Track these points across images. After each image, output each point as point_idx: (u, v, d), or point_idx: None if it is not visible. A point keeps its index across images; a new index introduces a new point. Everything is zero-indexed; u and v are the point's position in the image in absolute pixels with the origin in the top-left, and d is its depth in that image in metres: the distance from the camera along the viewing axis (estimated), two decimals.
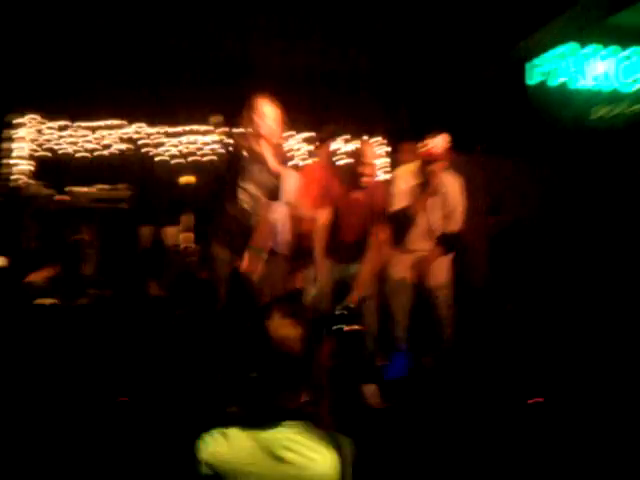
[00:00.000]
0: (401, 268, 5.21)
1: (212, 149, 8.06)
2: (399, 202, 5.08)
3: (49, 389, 4.72)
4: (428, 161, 5.03)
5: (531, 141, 7.40)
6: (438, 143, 4.99)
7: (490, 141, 6.46)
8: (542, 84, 8.19)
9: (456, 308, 5.21)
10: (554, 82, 8.21)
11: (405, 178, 5.19)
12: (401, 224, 5.08)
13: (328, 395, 2.11)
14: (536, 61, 8.30)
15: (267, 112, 4.43)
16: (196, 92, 7.52)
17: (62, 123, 8.26)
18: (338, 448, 1.84)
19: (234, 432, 1.84)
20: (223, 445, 1.82)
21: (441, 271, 5.22)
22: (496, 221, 6.16)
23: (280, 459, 1.78)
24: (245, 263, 4.47)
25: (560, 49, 8.20)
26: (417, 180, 5.13)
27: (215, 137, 6.92)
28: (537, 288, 6.12)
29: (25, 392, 4.62)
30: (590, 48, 8.28)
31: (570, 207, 7.03)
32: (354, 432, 1.99)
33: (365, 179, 4.92)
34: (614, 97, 8.23)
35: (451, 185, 5.18)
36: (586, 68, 8.26)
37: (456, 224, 5.18)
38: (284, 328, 1.86)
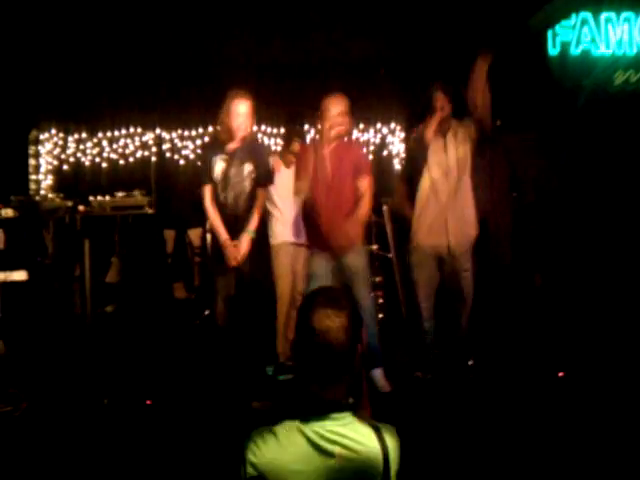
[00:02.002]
0: (428, 234, 4.99)
1: None
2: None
3: (78, 392, 4.78)
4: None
5: (553, 114, 7.22)
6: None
7: (511, 116, 6.30)
8: (563, 54, 7.98)
9: (482, 285, 5.03)
10: (575, 51, 8.01)
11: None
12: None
13: (365, 384, 2.10)
14: (557, 30, 8.09)
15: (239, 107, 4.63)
16: (211, 94, 7.52)
17: (82, 135, 8.34)
18: (382, 438, 1.80)
19: (281, 429, 1.80)
20: (272, 444, 1.77)
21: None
22: (519, 196, 6.02)
23: (328, 453, 1.75)
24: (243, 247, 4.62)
25: (580, 16, 7.99)
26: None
27: None
28: (565, 262, 5.98)
29: (58, 394, 4.69)
30: (610, 13, 8.05)
31: (595, 179, 6.85)
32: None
33: (337, 130, 4.75)
34: (636, 61, 7.99)
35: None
36: (607, 34, 8.04)
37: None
38: (327, 319, 1.80)
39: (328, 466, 1.74)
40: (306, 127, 7.53)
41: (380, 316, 6.48)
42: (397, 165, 8.68)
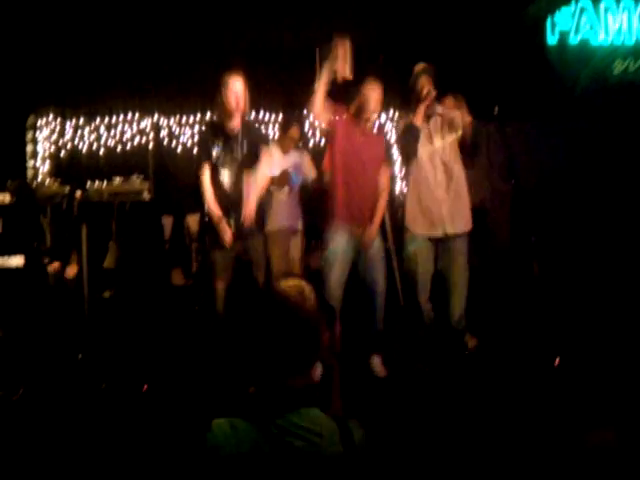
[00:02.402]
0: (423, 222, 5.04)
1: None
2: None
3: (75, 377, 4.80)
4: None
5: (552, 102, 7.21)
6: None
7: (510, 104, 6.30)
8: (562, 43, 7.97)
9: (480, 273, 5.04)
10: (574, 40, 7.99)
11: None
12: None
13: (338, 379, 2.08)
14: (555, 19, 8.07)
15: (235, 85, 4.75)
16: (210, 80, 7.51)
17: (80, 121, 8.32)
18: (347, 434, 1.77)
19: (241, 422, 1.76)
20: (231, 437, 1.73)
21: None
22: (517, 184, 6.02)
23: (287, 447, 1.70)
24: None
25: (579, 4, 7.97)
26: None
27: None
28: (563, 250, 6.00)
29: (56, 379, 4.71)
30: (609, 1, 8.03)
31: (594, 167, 6.85)
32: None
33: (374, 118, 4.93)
34: (636, 50, 7.97)
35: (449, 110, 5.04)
36: (606, 23, 8.02)
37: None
38: (297, 287, 1.82)
39: (289, 460, 1.70)
40: (304, 113, 7.54)
41: None
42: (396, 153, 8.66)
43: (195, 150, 7.67)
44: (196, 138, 8.18)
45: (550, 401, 4.05)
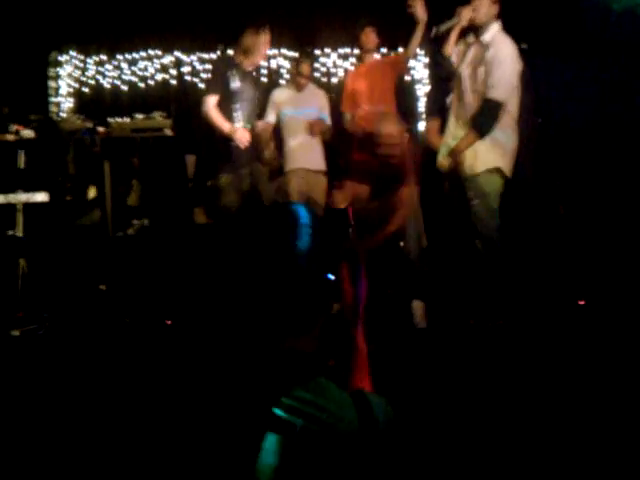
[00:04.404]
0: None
1: None
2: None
3: (100, 312, 4.86)
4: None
5: (581, 38, 6.99)
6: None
7: (537, 39, 6.11)
8: None
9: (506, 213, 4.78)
10: None
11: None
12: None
13: (362, 350, 1.79)
14: None
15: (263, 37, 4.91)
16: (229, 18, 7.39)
17: (102, 58, 8.25)
18: (366, 411, 1.45)
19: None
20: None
21: (476, 159, 4.44)
22: (545, 122, 5.89)
23: (289, 426, 1.39)
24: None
25: None
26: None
27: None
28: (589, 192, 5.89)
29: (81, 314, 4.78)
30: None
31: (623, 108, 6.65)
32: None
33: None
34: None
35: (501, 46, 4.38)
36: None
37: (498, 91, 4.30)
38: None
39: (287, 442, 1.40)
40: (317, 51, 7.46)
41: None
42: (419, 90, 8.51)
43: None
44: None
45: (573, 340, 4.05)
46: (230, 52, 5.27)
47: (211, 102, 4.83)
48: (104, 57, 8.26)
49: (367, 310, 1.96)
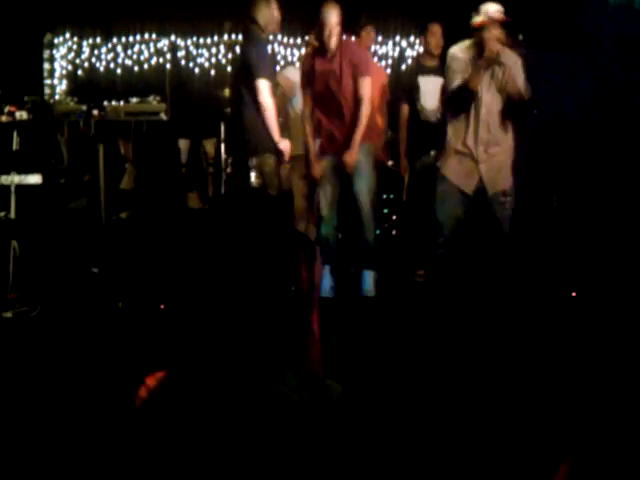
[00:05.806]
0: (456, 172, 4.67)
1: None
2: (456, 79, 4.58)
3: (92, 296, 4.86)
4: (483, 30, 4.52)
5: (577, 30, 7.00)
6: (492, 9, 4.50)
7: (533, 32, 6.12)
8: None
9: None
10: None
11: (460, 54, 4.67)
12: (462, 104, 4.62)
13: (318, 337, 1.79)
14: None
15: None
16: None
17: (97, 40, 8.21)
18: (324, 398, 1.49)
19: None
20: None
21: (507, 173, 4.67)
22: (540, 114, 5.91)
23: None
24: None
25: None
26: (473, 53, 4.59)
27: None
28: (582, 183, 5.92)
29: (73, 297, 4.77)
30: None
31: (619, 102, 6.66)
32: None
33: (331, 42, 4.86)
34: None
35: (511, 59, 4.60)
36: None
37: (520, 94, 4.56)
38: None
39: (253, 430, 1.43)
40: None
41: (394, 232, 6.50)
42: None
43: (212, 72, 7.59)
44: (213, 60, 8.10)
45: (565, 331, 4.07)
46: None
47: (268, 89, 4.79)
48: (99, 40, 8.22)
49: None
